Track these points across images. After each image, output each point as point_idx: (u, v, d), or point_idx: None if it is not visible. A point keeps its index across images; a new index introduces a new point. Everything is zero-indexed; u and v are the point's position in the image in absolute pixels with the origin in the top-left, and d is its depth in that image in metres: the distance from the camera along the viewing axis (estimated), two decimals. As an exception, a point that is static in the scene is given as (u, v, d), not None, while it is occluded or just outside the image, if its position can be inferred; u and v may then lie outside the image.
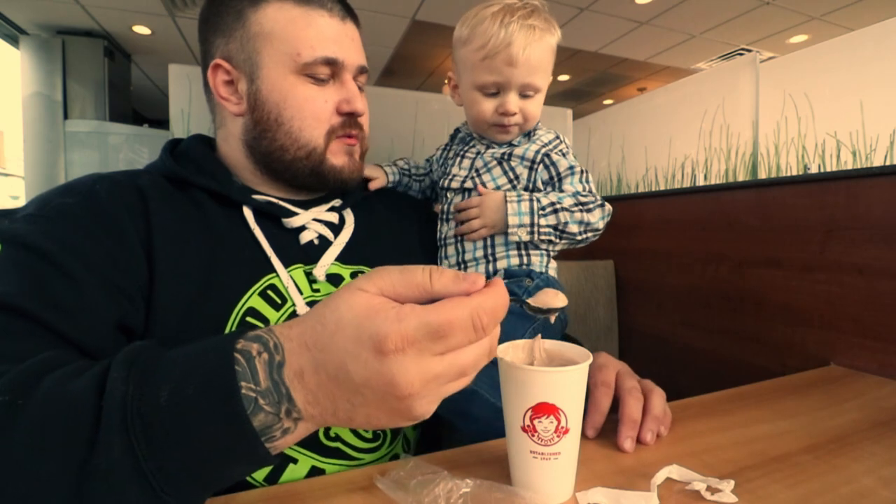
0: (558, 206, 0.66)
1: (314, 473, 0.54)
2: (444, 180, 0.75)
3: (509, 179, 0.71)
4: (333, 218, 0.66)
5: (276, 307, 0.57)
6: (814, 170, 1.79)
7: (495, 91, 0.69)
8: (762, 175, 1.87)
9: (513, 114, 0.69)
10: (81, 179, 0.55)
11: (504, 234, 0.68)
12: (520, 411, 0.41)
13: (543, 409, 0.40)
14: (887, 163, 1.58)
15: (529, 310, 0.51)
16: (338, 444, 0.56)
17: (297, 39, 0.59)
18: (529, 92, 0.70)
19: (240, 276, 0.56)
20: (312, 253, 0.62)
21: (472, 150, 0.74)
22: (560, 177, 0.70)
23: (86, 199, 0.52)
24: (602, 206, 0.69)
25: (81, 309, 0.45)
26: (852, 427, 0.57)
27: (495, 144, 0.74)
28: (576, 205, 0.67)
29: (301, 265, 0.61)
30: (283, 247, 0.60)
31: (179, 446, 0.31)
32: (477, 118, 0.72)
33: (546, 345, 0.47)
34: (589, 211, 0.68)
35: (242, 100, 0.61)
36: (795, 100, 1.81)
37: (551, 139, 0.73)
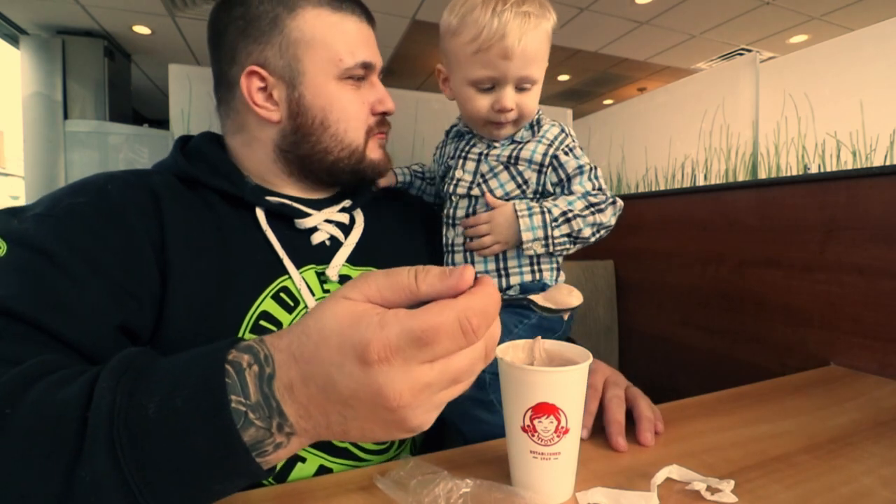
0: (570, 213, 0.64)
1: (322, 472, 0.54)
2: (449, 185, 0.72)
3: (518, 185, 0.68)
4: (344, 219, 0.66)
5: (289, 310, 0.57)
6: (814, 170, 1.79)
7: (490, 86, 0.65)
8: (762, 175, 1.87)
9: (509, 110, 0.65)
10: (92, 178, 0.55)
11: (517, 247, 0.66)
12: (520, 411, 0.41)
13: (543, 409, 0.40)
14: (887, 163, 1.58)
15: (540, 310, 0.50)
16: (347, 445, 0.56)
17: (337, 45, 0.60)
18: (526, 85, 0.65)
19: (253, 279, 0.56)
20: (324, 254, 0.62)
21: (475, 151, 0.71)
22: (569, 178, 0.67)
23: (96, 199, 0.51)
24: (613, 202, 0.67)
25: (83, 310, 0.44)
26: (852, 427, 0.57)
27: (496, 143, 0.70)
28: (587, 207, 0.65)
29: (313, 266, 0.61)
30: (296, 248, 0.60)
31: (167, 461, 0.30)
32: (471, 115, 0.68)
33: (546, 345, 0.47)
34: (601, 211, 0.65)
35: (278, 106, 0.61)
36: (795, 100, 1.81)
37: (557, 134, 0.69)
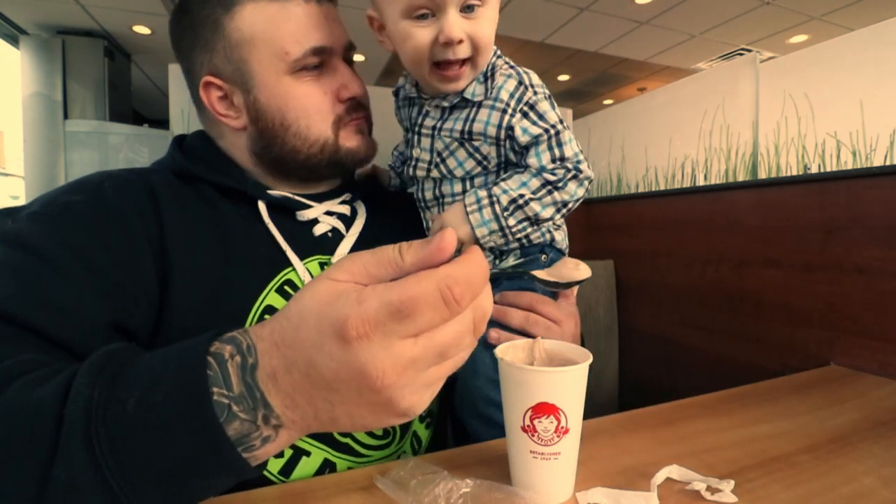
0: (522, 199, 0.56)
1: (326, 466, 0.55)
2: (409, 167, 0.64)
3: (478, 161, 0.60)
4: (346, 210, 0.66)
5: None
6: (814, 170, 1.79)
7: (428, 12, 0.53)
8: (762, 175, 1.87)
9: (458, 41, 0.53)
10: (90, 177, 0.54)
11: (476, 243, 0.59)
12: (520, 411, 0.41)
13: (543, 409, 0.40)
14: (887, 163, 1.58)
15: (544, 284, 0.47)
16: (348, 440, 0.56)
17: (280, 37, 0.56)
18: (474, 3, 0.53)
19: (256, 274, 0.56)
20: (327, 245, 0.62)
21: (428, 125, 0.61)
22: (525, 149, 0.58)
23: (92, 197, 0.51)
24: (575, 176, 0.57)
25: (76, 309, 0.44)
26: (852, 427, 0.57)
27: (445, 103, 0.59)
28: (543, 187, 0.57)
29: (317, 256, 0.60)
30: (298, 240, 0.60)
31: (148, 458, 0.29)
32: (414, 60, 0.56)
33: (546, 345, 0.47)
34: (560, 188, 0.57)
35: (242, 112, 0.60)
36: (795, 100, 1.81)
37: (512, 91, 0.57)
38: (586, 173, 0.58)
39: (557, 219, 0.60)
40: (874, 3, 3.35)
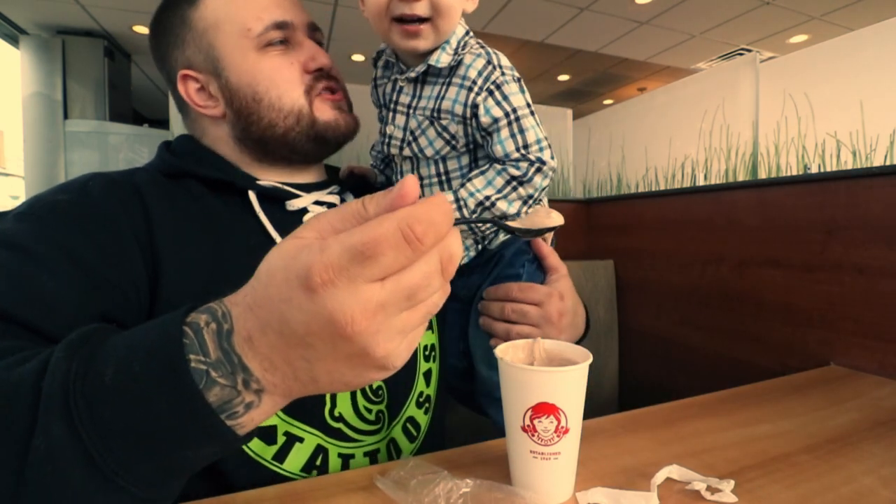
0: (488, 201, 0.57)
1: (319, 453, 0.55)
2: (383, 144, 0.66)
3: (446, 141, 0.61)
4: (335, 200, 0.66)
5: None
6: (814, 170, 1.79)
7: None
8: (762, 175, 1.87)
9: None
10: (76, 178, 0.55)
11: None
12: (520, 411, 0.41)
13: (543, 409, 0.40)
14: (887, 163, 1.58)
15: (516, 232, 0.47)
16: (340, 426, 0.57)
17: (242, 17, 0.60)
18: None
19: (247, 265, 0.56)
20: None
21: (403, 103, 0.63)
22: (489, 134, 0.58)
23: (77, 196, 0.52)
24: (539, 169, 0.57)
25: (63, 303, 0.44)
26: (852, 427, 0.57)
27: (420, 85, 0.61)
28: (508, 183, 0.57)
29: None
30: (289, 229, 0.59)
31: (129, 427, 0.29)
32: (375, 10, 0.57)
33: (546, 345, 0.47)
34: (524, 183, 0.57)
35: (219, 99, 0.62)
36: (795, 100, 1.81)
37: (480, 70, 0.58)
38: (550, 164, 0.58)
39: (526, 209, 0.61)
40: (874, 3, 3.35)
